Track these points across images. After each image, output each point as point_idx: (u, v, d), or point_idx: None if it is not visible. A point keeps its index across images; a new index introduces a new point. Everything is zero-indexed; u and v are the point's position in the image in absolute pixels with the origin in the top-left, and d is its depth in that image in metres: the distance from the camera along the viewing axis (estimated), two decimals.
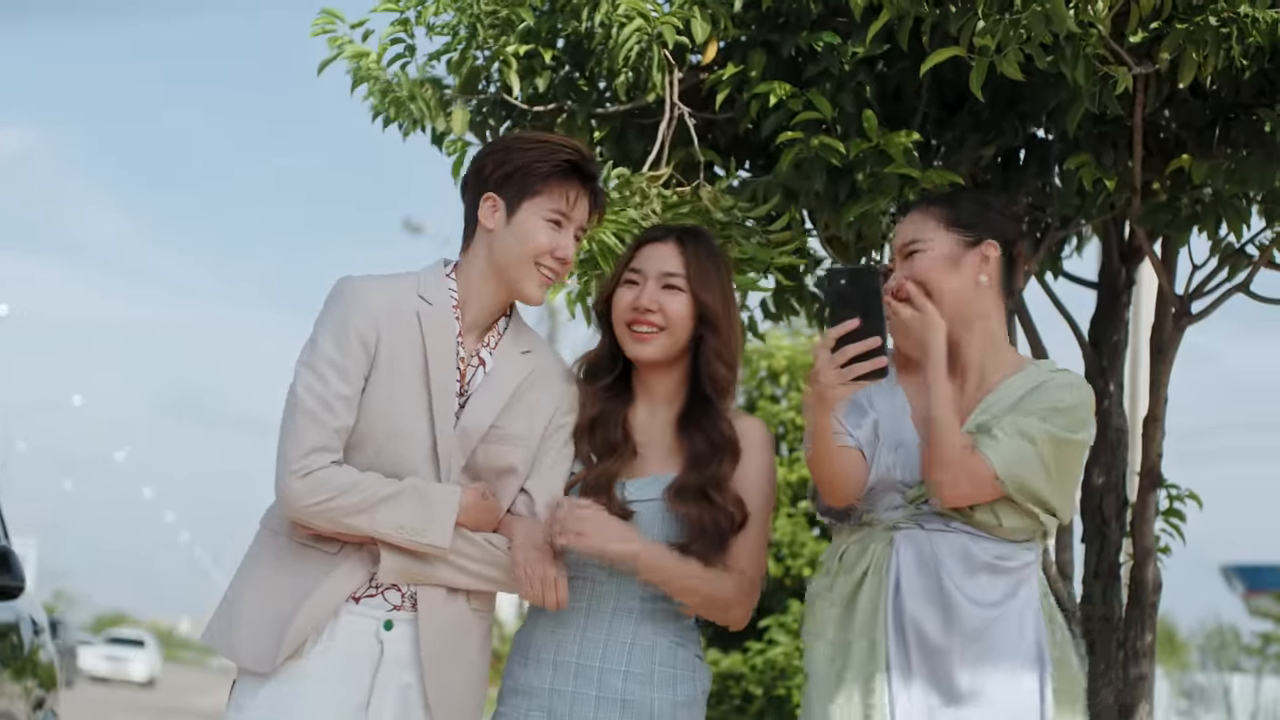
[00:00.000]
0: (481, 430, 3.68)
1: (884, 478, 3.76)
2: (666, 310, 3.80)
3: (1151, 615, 5.26)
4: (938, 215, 3.79)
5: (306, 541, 3.64)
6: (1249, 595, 38.37)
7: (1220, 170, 4.39)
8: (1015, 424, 3.67)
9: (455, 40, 4.86)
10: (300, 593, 3.60)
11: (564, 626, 3.79)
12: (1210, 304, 4.98)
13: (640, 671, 3.76)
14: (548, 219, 3.68)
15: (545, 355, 3.84)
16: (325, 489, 3.55)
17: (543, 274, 3.70)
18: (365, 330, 3.62)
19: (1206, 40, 4.11)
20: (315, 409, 3.58)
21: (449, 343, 3.69)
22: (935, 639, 3.69)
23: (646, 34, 4.59)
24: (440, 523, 3.58)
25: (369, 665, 3.61)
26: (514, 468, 3.72)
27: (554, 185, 3.68)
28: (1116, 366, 5.38)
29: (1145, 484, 5.18)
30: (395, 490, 3.57)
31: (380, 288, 3.69)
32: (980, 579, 3.71)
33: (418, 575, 3.63)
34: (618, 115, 4.94)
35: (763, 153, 5.04)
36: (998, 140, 4.80)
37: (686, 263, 3.82)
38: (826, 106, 4.45)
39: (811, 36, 4.56)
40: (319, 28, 4.99)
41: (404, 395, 3.64)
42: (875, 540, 3.78)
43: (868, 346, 3.47)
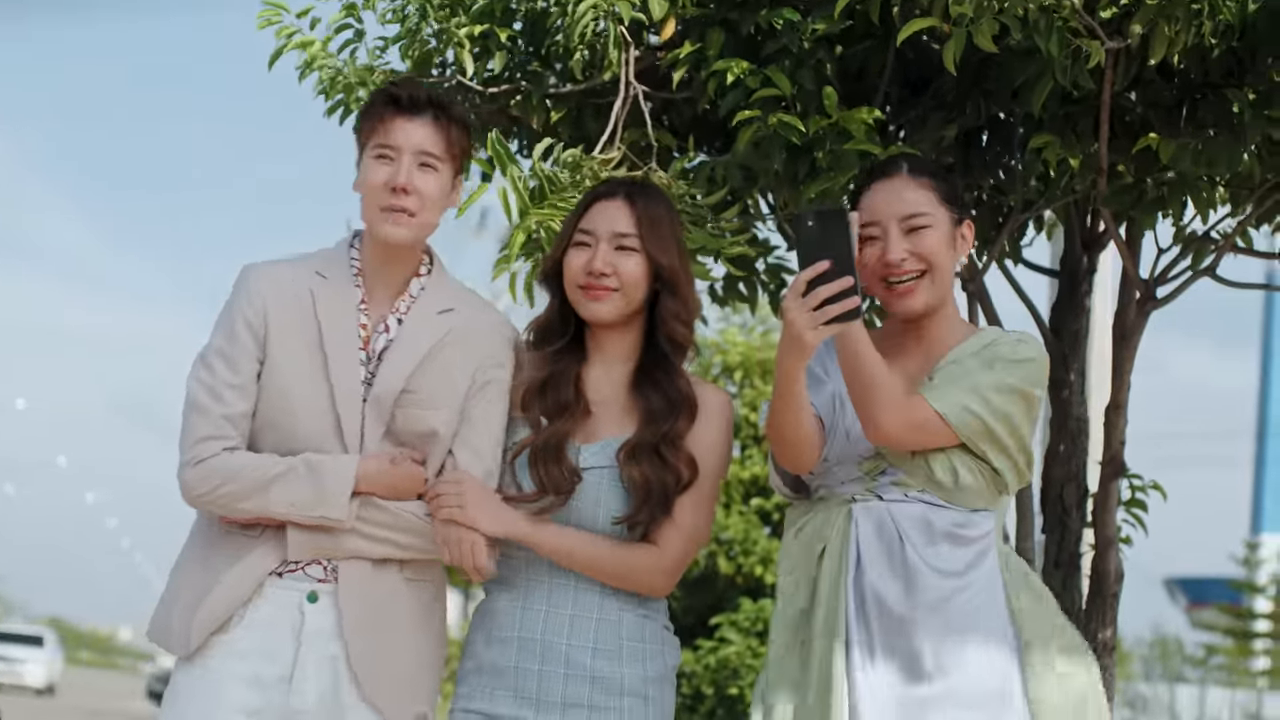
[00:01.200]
0: (393, 394, 3.63)
1: (840, 450, 3.70)
2: (620, 272, 3.73)
3: (1113, 606, 5.19)
4: (934, 189, 3.74)
5: (230, 529, 3.63)
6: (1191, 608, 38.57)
7: (1188, 150, 4.32)
8: (949, 372, 3.66)
9: (405, 25, 4.76)
10: (217, 577, 3.60)
11: (527, 602, 3.72)
12: (1176, 288, 4.92)
13: (608, 647, 3.69)
14: (374, 155, 3.66)
15: (468, 312, 3.76)
16: (216, 476, 3.57)
17: (386, 211, 3.65)
18: (251, 316, 3.64)
19: (1178, 16, 4.04)
20: (202, 399, 3.60)
21: (347, 312, 3.67)
22: (898, 610, 3.63)
23: (603, 10, 4.49)
24: (332, 495, 3.56)
25: (291, 637, 3.59)
26: (435, 431, 3.66)
27: (375, 123, 3.68)
28: (1078, 354, 5.32)
29: (1108, 472, 5.10)
30: (285, 468, 3.57)
31: (272, 271, 3.70)
32: (941, 548, 3.66)
33: (327, 549, 3.60)
34: (574, 95, 4.84)
35: (720, 133, 4.96)
36: (960, 120, 4.72)
37: (638, 221, 3.74)
38: (785, 83, 4.37)
39: (771, 14, 4.47)
40: (264, 19, 4.87)
41: (298, 372, 3.63)
42: (832, 515, 3.73)
43: (840, 287, 3.42)
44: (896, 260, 3.68)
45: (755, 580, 11.88)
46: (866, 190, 3.78)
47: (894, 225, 3.70)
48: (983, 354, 3.69)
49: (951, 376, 3.65)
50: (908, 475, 3.68)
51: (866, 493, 3.70)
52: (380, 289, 3.71)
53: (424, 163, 3.66)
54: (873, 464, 3.70)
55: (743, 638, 11.60)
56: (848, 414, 3.71)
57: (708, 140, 4.96)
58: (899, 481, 3.69)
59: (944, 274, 3.73)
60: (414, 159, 3.65)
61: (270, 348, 3.63)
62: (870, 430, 3.64)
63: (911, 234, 3.70)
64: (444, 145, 3.68)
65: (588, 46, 4.61)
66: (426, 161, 3.66)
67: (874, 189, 3.77)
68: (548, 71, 4.87)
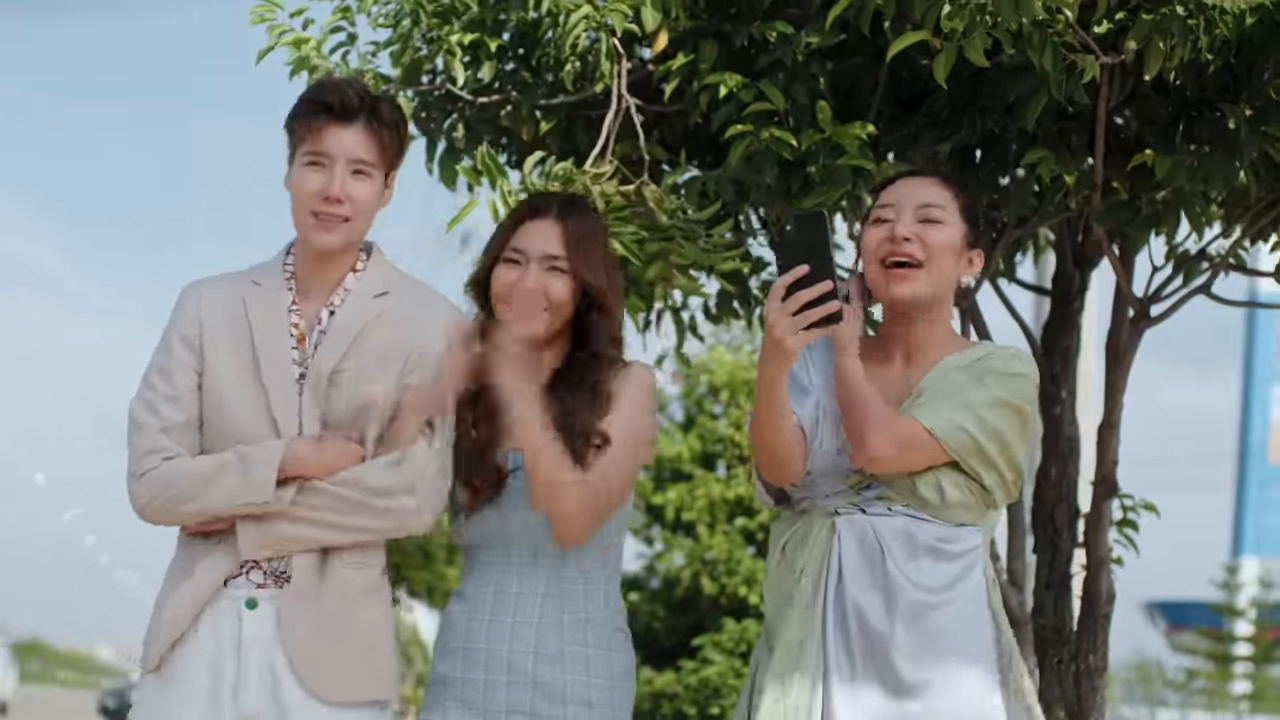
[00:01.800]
0: (323, 377, 3.62)
1: (824, 462, 3.65)
2: (550, 294, 3.70)
3: (1104, 627, 5.15)
4: (957, 198, 3.73)
5: (192, 540, 3.65)
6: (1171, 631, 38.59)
7: (1183, 167, 4.28)
8: (939, 387, 3.62)
9: (398, 30, 4.71)
10: (177, 586, 3.62)
11: (473, 613, 3.71)
12: (1170, 306, 4.88)
13: (550, 652, 3.66)
14: (305, 163, 3.62)
15: (403, 292, 3.73)
16: (155, 485, 3.59)
17: (318, 218, 3.62)
18: (186, 329, 3.66)
19: (1173, 31, 4.01)
20: (141, 417, 3.64)
21: (278, 314, 3.67)
22: (877, 625, 3.58)
23: (595, 21, 4.45)
24: (260, 478, 3.54)
25: (232, 647, 3.57)
26: (371, 403, 3.63)
27: (306, 129, 3.63)
28: (1069, 373, 5.28)
29: (1100, 492, 5.07)
30: (218, 464, 3.58)
31: (208, 286, 3.72)
32: (922, 562, 3.62)
33: (276, 542, 3.58)
34: (564, 107, 4.80)
35: (711, 147, 4.92)
36: (954, 136, 4.69)
37: (568, 242, 3.71)
38: (779, 97, 4.33)
39: (764, 26, 4.43)
40: (257, 15, 4.82)
41: (232, 373, 3.64)
42: (815, 528, 3.68)
43: (819, 292, 3.38)
44: (901, 235, 3.65)
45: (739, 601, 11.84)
46: (890, 184, 3.77)
47: (909, 209, 3.68)
48: (974, 368, 3.65)
49: (941, 392, 3.61)
50: (893, 490, 3.64)
51: (850, 506, 3.66)
52: (314, 290, 3.69)
53: (357, 170, 3.63)
54: (859, 477, 3.66)
55: (726, 658, 11.56)
56: (831, 424, 3.68)
57: (699, 154, 4.92)
58: (884, 495, 3.65)
59: (943, 275, 3.68)
60: (346, 167, 3.61)
61: (206, 356, 3.65)
62: (859, 451, 3.60)
63: (924, 223, 3.67)
64: (376, 151, 3.64)
65: (579, 58, 4.57)
66: (359, 169, 3.63)
67: (898, 183, 3.76)
68: (538, 82, 4.82)
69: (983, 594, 3.66)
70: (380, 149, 3.64)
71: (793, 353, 3.46)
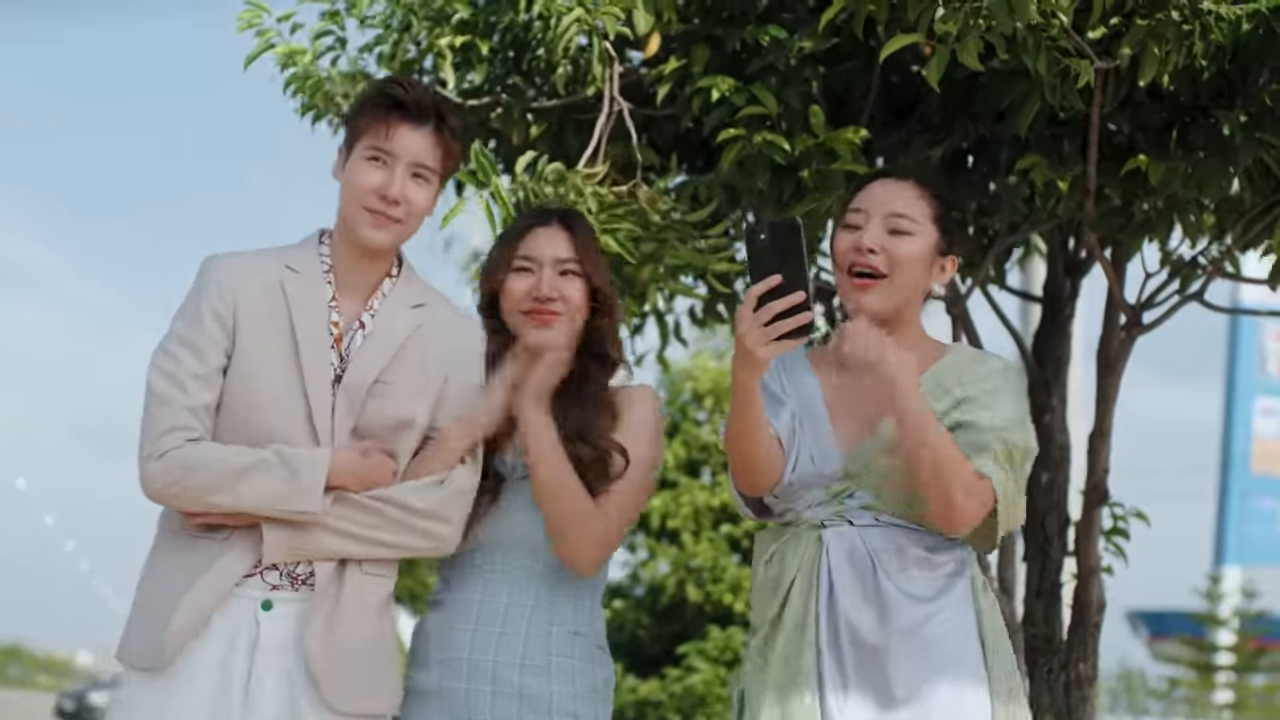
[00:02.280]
0: (364, 387, 3.52)
1: (805, 473, 3.61)
2: (566, 296, 3.70)
3: (1095, 636, 5.12)
4: (932, 206, 3.65)
5: (198, 534, 3.48)
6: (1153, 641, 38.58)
7: (1177, 173, 4.26)
8: (1005, 441, 3.55)
9: (388, 33, 4.67)
10: (187, 584, 3.44)
11: (454, 623, 3.67)
12: (1164, 313, 4.85)
13: (537, 663, 3.62)
14: (367, 157, 3.53)
15: (438, 307, 3.67)
16: (179, 468, 3.41)
17: (372, 214, 3.54)
18: (219, 305, 3.49)
19: (1168, 36, 3.98)
20: (166, 390, 3.45)
21: (319, 308, 3.55)
22: (871, 639, 3.53)
23: (587, 24, 4.42)
24: (307, 486, 3.41)
25: (246, 649, 3.44)
26: (410, 420, 3.55)
27: (373, 123, 3.54)
28: (1060, 381, 5.26)
29: (1091, 500, 5.04)
30: (255, 460, 3.42)
31: (240, 262, 3.57)
32: (913, 573, 3.58)
33: (303, 549, 3.46)
34: (555, 110, 4.77)
35: (703, 152, 4.89)
36: (946, 141, 4.66)
37: (577, 247, 3.72)
38: (771, 101, 4.30)
39: (757, 30, 4.40)
40: (245, 21, 4.77)
41: (269, 366, 3.49)
42: (802, 542, 3.62)
43: (791, 303, 3.30)
44: (867, 246, 3.58)
45: (723, 608, 11.80)
46: (866, 185, 3.71)
47: (878, 218, 3.61)
48: (976, 386, 3.60)
49: (971, 441, 3.54)
50: (879, 500, 3.60)
51: (836, 517, 3.60)
52: (352, 288, 3.60)
53: (417, 173, 3.56)
54: (841, 486, 3.61)
55: (710, 666, 11.52)
56: (809, 434, 3.62)
57: (689, 159, 4.89)
58: (869, 505, 3.60)
59: (907, 286, 3.62)
60: (408, 169, 3.55)
61: (240, 337, 3.50)
62: (948, 513, 3.50)
63: (892, 234, 3.60)
64: (439, 157, 3.58)
65: (571, 61, 4.54)
66: (420, 173, 3.56)
67: (873, 185, 3.70)
68: (529, 85, 4.79)
69: (969, 602, 3.63)
70: (443, 156, 3.59)
71: (764, 364, 3.39)
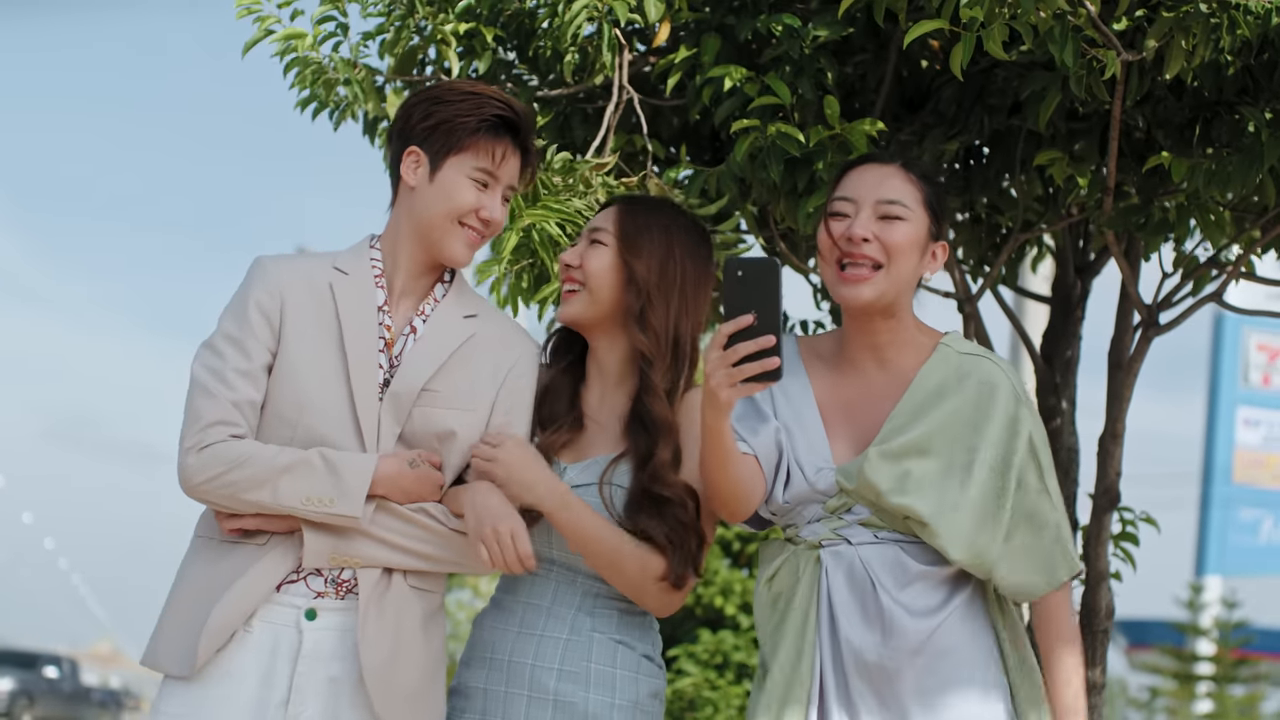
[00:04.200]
0: (413, 393, 3.43)
1: (800, 491, 3.49)
2: (586, 265, 3.60)
3: (1104, 642, 5.02)
4: (919, 188, 3.53)
5: (235, 540, 3.39)
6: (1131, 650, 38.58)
7: (1201, 170, 4.15)
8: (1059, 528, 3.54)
9: (390, 19, 4.56)
10: (223, 589, 3.34)
11: (501, 624, 3.57)
12: (1181, 313, 4.75)
13: (575, 670, 3.52)
14: (473, 178, 3.45)
15: (491, 319, 3.58)
16: (220, 462, 3.32)
17: (468, 232, 3.46)
18: (266, 303, 3.42)
19: (1195, 29, 3.88)
20: (210, 384, 3.37)
21: (368, 312, 3.46)
22: (877, 661, 3.42)
23: (597, 11, 4.31)
24: (350, 490, 3.33)
25: (288, 658, 3.35)
26: (454, 432, 3.45)
27: (481, 141, 3.45)
28: (1069, 383, 5.16)
29: (1102, 504, 4.94)
30: (297, 459, 3.33)
31: (290, 262, 3.49)
32: (915, 588, 3.47)
33: (345, 556, 3.36)
34: (561, 100, 4.66)
35: (710, 145, 4.79)
36: (962, 135, 4.56)
37: (620, 222, 3.61)
38: (785, 91, 4.19)
39: (770, 20, 4.30)
40: (244, 8, 4.65)
41: (315, 367, 3.41)
42: (802, 563, 3.51)
43: (759, 346, 3.19)
44: (859, 236, 3.48)
45: (714, 611, 11.67)
46: (849, 171, 3.60)
47: (868, 206, 3.51)
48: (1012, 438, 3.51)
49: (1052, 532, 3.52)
50: (879, 516, 3.49)
51: (834, 535, 3.50)
52: (404, 294, 3.52)
53: (506, 196, 3.54)
54: (838, 501, 3.50)
55: (700, 670, 11.41)
56: (801, 447, 3.51)
57: (697, 151, 4.78)
58: (867, 522, 3.49)
59: (902, 276, 3.51)
60: (504, 191, 3.52)
61: (286, 337, 3.43)
62: None
63: (884, 221, 3.50)
64: (523, 180, 3.57)
65: (579, 49, 4.43)
66: (508, 194, 3.54)
67: (859, 170, 3.59)
68: (534, 74, 4.68)
69: (979, 605, 3.53)
70: (526, 179, 3.57)
71: (728, 405, 3.28)
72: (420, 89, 3.58)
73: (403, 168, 3.50)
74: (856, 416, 3.54)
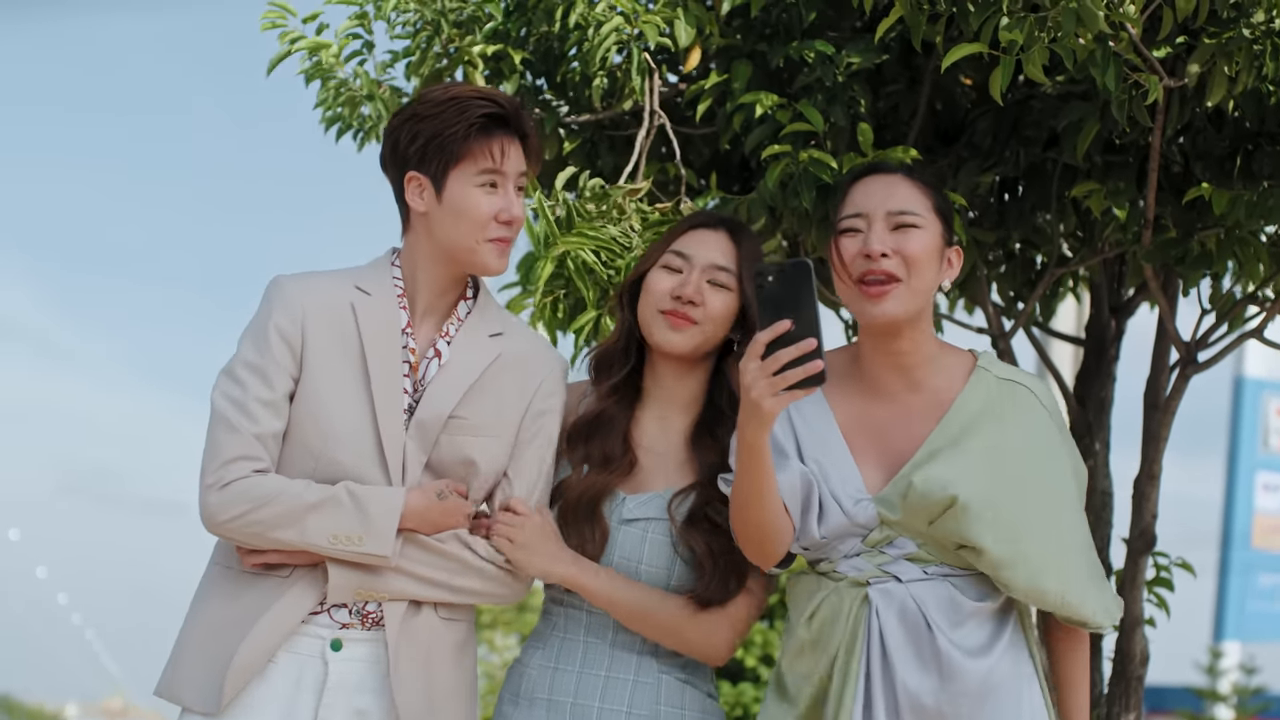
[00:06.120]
0: (439, 421, 3.31)
1: (837, 525, 3.36)
2: (709, 305, 3.47)
3: (1137, 689, 4.93)
4: (928, 196, 3.44)
5: (257, 571, 3.28)
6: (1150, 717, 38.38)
7: (1243, 201, 4.06)
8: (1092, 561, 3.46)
9: (416, 39, 4.49)
10: (248, 623, 3.23)
11: (560, 663, 3.44)
12: (1220, 351, 4.65)
13: (644, 712, 3.40)
14: (480, 184, 3.33)
15: (518, 337, 3.46)
16: (245, 500, 3.20)
17: (498, 243, 3.35)
18: (287, 328, 3.28)
19: (1238, 56, 3.80)
20: (232, 416, 3.24)
21: (392, 334, 3.33)
22: (935, 705, 3.30)
23: (627, 35, 4.24)
24: (379, 528, 3.21)
25: (313, 690, 3.24)
26: (483, 458, 3.34)
27: (476, 146, 3.33)
28: (1103, 424, 5.05)
29: (1138, 546, 4.83)
30: (324, 496, 3.21)
31: (309, 282, 3.35)
32: (968, 626, 3.35)
33: (371, 590, 3.24)
34: (589, 125, 4.58)
35: (740, 174, 4.71)
36: (997, 168, 4.47)
37: (740, 259, 3.48)
38: (818, 118, 4.11)
39: (802, 46, 4.22)
40: (269, 21, 4.59)
41: (338, 394, 3.29)
42: (846, 602, 3.37)
43: (801, 350, 3.08)
44: (878, 251, 3.37)
45: (735, 664, 11.53)
46: (854, 185, 3.49)
47: (880, 219, 3.40)
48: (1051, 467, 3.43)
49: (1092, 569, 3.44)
50: (924, 549, 3.38)
51: (881, 573, 3.37)
52: (427, 312, 3.41)
53: (520, 186, 3.41)
54: (879, 535, 3.37)
55: None
56: (833, 480, 3.37)
57: (726, 181, 4.69)
58: (914, 556, 3.37)
59: (923, 286, 3.41)
60: (515, 184, 3.39)
61: (307, 363, 3.31)
62: None
63: (899, 231, 3.40)
64: (531, 167, 3.44)
65: (608, 74, 4.35)
66: (520, 184, 3.41)
67: (864, 182, 3.48)
68: (561, 100, 4.61)
69: (1021, 639, 3.44)
70: (534, 164, 3.45)
71: (771, 416, 3.15)
72: (397, 110, 3.46)
73: (408, 195, 3.39)
74: (886, 440, 3.43)
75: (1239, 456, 41.50)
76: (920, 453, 3.38)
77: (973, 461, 3.35)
